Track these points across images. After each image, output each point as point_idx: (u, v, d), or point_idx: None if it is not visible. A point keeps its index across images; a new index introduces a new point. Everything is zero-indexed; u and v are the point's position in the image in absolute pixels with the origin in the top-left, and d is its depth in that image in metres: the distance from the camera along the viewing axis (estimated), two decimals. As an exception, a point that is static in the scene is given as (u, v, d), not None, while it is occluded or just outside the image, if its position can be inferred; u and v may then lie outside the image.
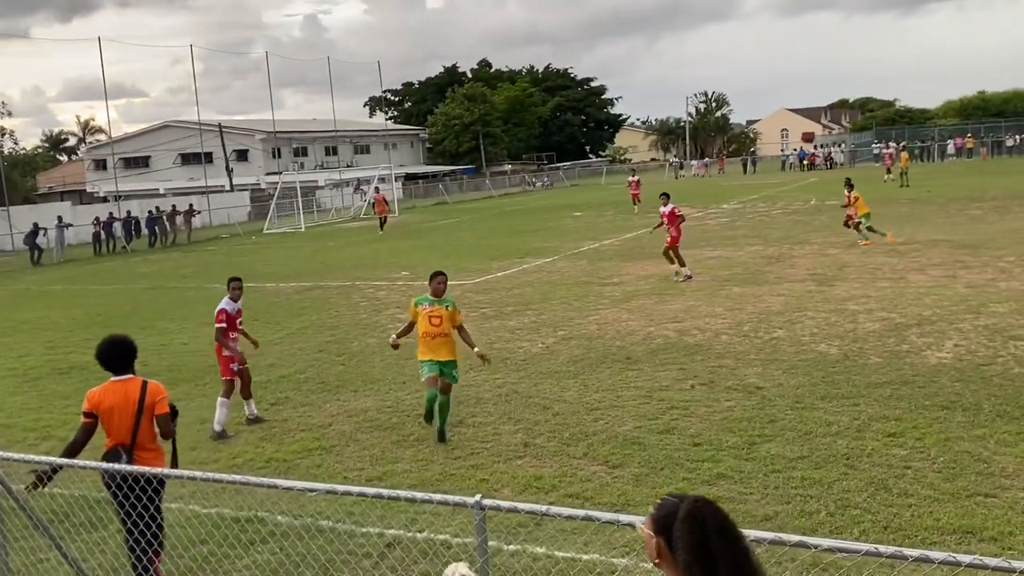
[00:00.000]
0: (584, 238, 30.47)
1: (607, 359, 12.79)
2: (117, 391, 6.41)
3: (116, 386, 6.43)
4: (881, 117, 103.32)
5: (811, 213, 33.51)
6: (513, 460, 8.92)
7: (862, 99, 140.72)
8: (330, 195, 62.23)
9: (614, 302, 17.36)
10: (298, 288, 22.78)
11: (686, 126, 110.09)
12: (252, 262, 31.07)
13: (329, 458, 9.40)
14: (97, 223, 40.97)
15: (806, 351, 12.39)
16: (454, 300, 10.17)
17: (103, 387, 6.49)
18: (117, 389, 6.42)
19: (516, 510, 4.11)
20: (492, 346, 14.23)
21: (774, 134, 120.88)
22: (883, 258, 20.56)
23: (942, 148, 74.05)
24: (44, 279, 30.65)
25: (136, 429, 6.31)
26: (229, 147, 69.54)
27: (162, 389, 6.46)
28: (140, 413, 6.31)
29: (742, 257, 22.43)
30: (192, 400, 12.11)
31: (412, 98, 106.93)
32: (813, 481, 7.81)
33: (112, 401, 6.39)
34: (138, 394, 6.33)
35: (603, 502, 7.53)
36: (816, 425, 9.27)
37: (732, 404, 10.18)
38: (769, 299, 16.39)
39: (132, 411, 6.31)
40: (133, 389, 6.37)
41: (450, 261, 25.31)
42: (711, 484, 7.89)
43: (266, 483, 4.88)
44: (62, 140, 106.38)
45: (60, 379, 14.17)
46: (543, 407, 10.65)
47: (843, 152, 76.97)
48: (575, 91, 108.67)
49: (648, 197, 37.38)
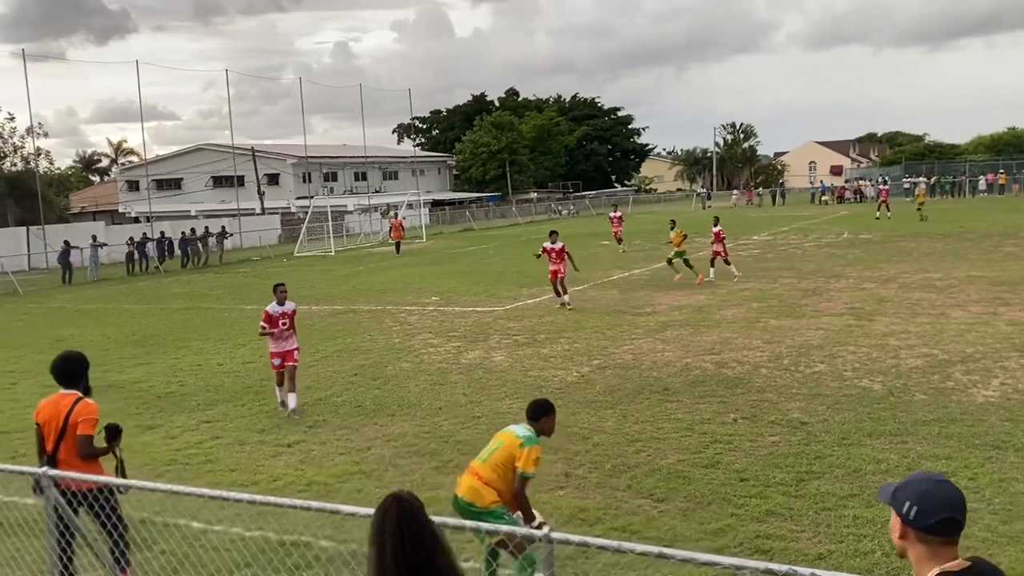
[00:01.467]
0: (613, 267, 30.37)
1: (644, 390, 12.67)
2: (54, 404, 6.46)
3: (56, 399, 6.49)
4: (910, 151, 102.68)
5: (844, 247, 33.24)
6: (555, 491, 8.82)
7: (891, 133, 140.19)
8: (359, 220, 62.57)
9: (648, 332, 17.25)
10: (331, 311, 22.83)
11: (713, 157, 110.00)
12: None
13: (369, 483, 9.34)
14: (131, 243, 41.36)
15: (849, 386, 12.23)
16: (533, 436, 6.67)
17: (47, 399, 6.58)
18: (56, 402, 6.47)
19: (587, 544, 4.03)
20: (527, 374, 14.19)
21: (802, 166, 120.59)
22: (921, 293, 20.33)
23: (973, 184, 73.44)
24: (78, 298, 30.90)
25: (57, 444, 6.34)
26: (261, 171, 70.15)
27: (91, 410, 6.39)
28: (63, 429, 6.33)
29: (776, 289, 22.26)
30: (230, 421, 12.10)
31: (440, 125, 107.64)
32: (865, 520, 7.66)
33: (47, 413, 6.46)
34: (68, 410, 6.34)
35: (651, 536, 7.41)
36: (864, 462, 9.12)
37: (777, 439, 10.04)
38: (808, 333, 16.22)
39: (59, 425, 6.34)
40: (66, 404, 6.39)
41: (480, 287, 25.33)
42: (760, 521, 7.76)
43: (328, 508, 4.82)
44: (95, 161, 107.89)
45: (97, 397, 14.02)
46: (582, 437, 10.55)
47: (873, 186, 76.48)
48: (602, 120, 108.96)
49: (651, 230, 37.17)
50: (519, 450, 6.41)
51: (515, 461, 6.40)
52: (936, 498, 2.82)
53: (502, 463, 6.45)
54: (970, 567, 2.83)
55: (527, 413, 6.75)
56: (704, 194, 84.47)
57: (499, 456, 6.48)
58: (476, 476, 6.50)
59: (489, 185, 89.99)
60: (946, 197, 70.67)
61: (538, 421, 6.70)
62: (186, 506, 8.45)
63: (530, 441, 6.46)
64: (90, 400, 6.48)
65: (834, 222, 47.94)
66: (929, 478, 2.91)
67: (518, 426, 6.69)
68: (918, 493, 2.84)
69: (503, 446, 6.52)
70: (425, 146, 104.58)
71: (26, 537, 7.45)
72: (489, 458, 6.51)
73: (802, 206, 68.98)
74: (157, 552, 7.58)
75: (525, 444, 6.43)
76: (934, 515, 2.79)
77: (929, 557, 2.83)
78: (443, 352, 16.39)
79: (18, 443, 11.25)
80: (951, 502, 2.82)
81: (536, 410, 6.75)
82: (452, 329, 18.94)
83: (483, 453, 6.63)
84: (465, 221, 68.00)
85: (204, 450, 10.84)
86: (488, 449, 6.62)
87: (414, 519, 2.93)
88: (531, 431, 6.58)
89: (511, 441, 6.51)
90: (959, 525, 2.83)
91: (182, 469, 10.14)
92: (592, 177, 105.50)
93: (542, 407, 6.80)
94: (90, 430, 6.31)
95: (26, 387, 14.99)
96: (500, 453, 6.50)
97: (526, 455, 6.39)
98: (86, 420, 6.30)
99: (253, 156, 69.30)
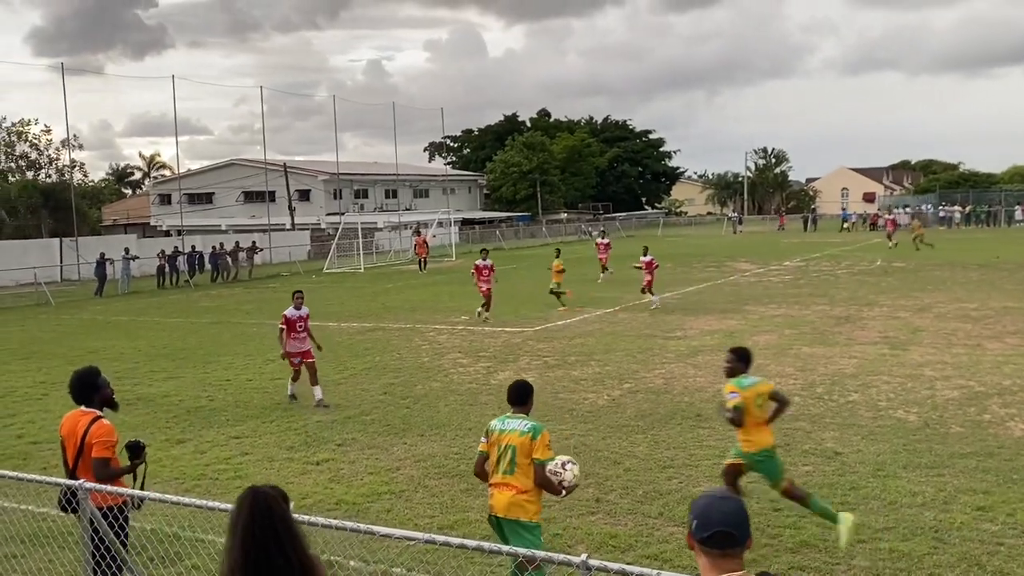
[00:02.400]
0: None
1: (676, 415, 12.56)
2: (74, 421, 6.41)
3: (76, 416, 6.43)
4: (944, 180, 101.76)
5: (878, 274, 32.91)
6: (586, 516, 8.73)
7: (925, 161, 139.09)
8: (388, 237, 62.85)
9: (679, 356, 17.12)
10: (360, 329, 22.88)
11: (744, 181, 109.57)
12: (313, 300, 31.19)
13: (399, 503, 9.30)
14: (162, 256, 41.79)
15: (884, 417, 12.04)
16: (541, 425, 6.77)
17: (69, 413, 6.53)
18: (75, 419, 6.41)
19: (625, 573, 3.95)
20: (557, 396, 14.11)
21: (834, 192, 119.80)
22: (957, 323, 20.05)
23: (1009, 213, 72.56)
24: (109, 309, 31.22)
25: (76, 462, 6.29)
26: (292, 187, 70.74)
27: (105, 432, 6.24)
28: (80, 448, 6.26)
29: (808, 316, 22.04)
30: (259, 437, 12.12)
31: (471, 144, 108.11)
32: (901, 554, 7.51)
33: (68, 428, 6.42)
34: (84, 430, 6.26)
35: (683, 565, 7.29)
36: (900, 495, 8.95)
37: (810, 469, 9.89)
38: (841, 361, 16.02)
39: (76, 444, 6.28)
40: (83, 424, 6.31)
41: (509, 307, 25.28)
42: (795, 552, 7.63)
43: (362, 528, 4.78)
44: (127, 174, 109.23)
45: (128, 409, 14.22)
46: (613, 462, 10.45)
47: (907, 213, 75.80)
48: (633, 143, 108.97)
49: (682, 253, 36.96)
50: (531, 443, 6.43)
51: (532, 455, 6.42)
52: (713, 513, 3.04)
53: (526, 466, 6.44)
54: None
55: (513, 400, 6.79)
56: (735, 218, 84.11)
57: (520, 460, 6.44)
58: (513, 489, 6.43)
59: (519, 205, 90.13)
60: (981, 227, 69.88)
61: (526, 404, 6.81)
62: (215, 522, 8.44)
63: (536, 430, 6.49)
64: (106, 421, 6.34)
65: (867, 249, 47.53)
66: (713, 494, 3.18)
67: (512, 421, 6.63)
68: (699, 508, 3.07)
69: (517, 449, 6.46)
70: (456, 165, 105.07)
71: (60, 549, 7.49)
72: (515, 468, 6.45)
73: (833, 232, 68.41)
74: (185, 567, 7.57)
75: (534, 435, 6.45)
76: (709, 528, 3.01)
77: (709, 568, 3.04)
78: (473, 372, 16.35)
79: (48, 454, 11.33)
80: (726, 517, 3.03)
81: (523, 394, 6.82)
82: (482, 349, 18.91)
83: (503, 465, 6.51)
84: (495, 240, 68.12)
85: (233, 466, 10.85)
86: (506, 459, 6.50)
87: (268, 511, 3.01)
88: (528, 419, 6.63)
89: (519, 440, 6.47)
90: (733, 539, 3.02)
91: (211, 484, 10.15)
92: (622, 199, 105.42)
93: (526, 389, 6.90)
94: (105, 452, 6.19)
95: (56, 398, 15.10)
96: (520, 458, 6.45)
97: (540, 444, 6.43)
98: (100, 443, 6.18)
99: (285, 172, 69.93)
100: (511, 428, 6.57)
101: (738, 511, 3.07)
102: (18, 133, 69.24)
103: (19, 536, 8.19)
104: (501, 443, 6.55)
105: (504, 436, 6.55)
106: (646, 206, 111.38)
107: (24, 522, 8.52)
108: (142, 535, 7.76)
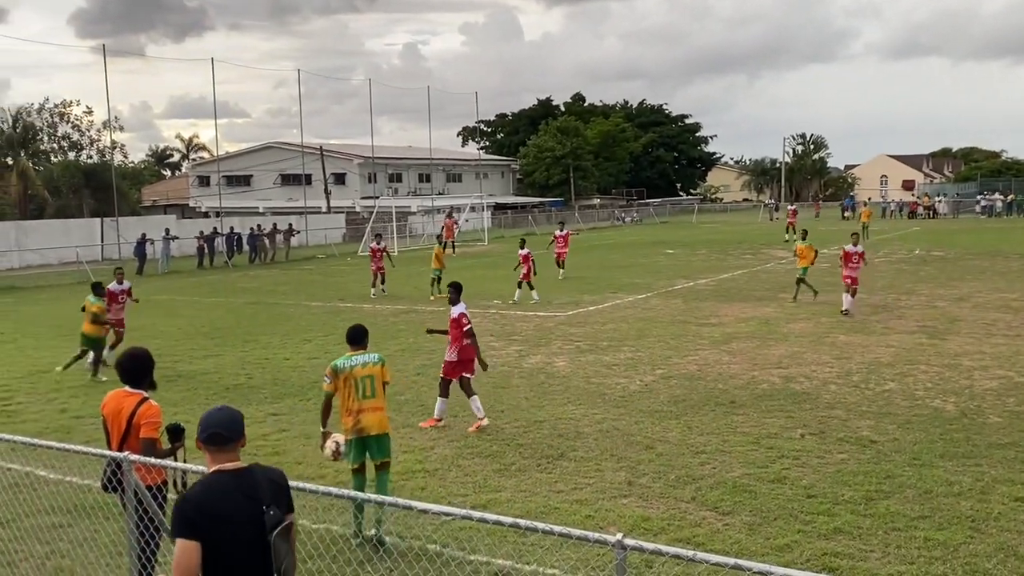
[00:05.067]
0: (678, 276, 30.14)
1: (709, 401, 12.54)
2: (118, 401, 6.37)
3: (120, 395, 6.39)
4: (986, 168, 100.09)
5: (916, 263, 32.52)
6: (618, 499, 8.77)
7: (966, 148, 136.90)
8: (421, 221, 63.06)
9: (713, 343, 17.07)
10: (393, 311, 23.04)
11: (782, 167, 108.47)
12: (348, 283, 31.62)
13: (432, 481, 9.41)
14: (201, 237, 42.29)
15: (921, 406, 11.95)
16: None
17: (112, 392, 6.50)
18: (120, 399, 6.37)
19: (660, 552, 3.99)
20: (589, 380, 14.14)
21: (873, 180, 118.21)
22: (997, 314, 19.79)
23: (1053, 203, 71.28)
24: (149, 289, 31.61)
25: (122, 442, 6.25)
26: (328, 170, 71.15)
27: (154, 413, 6.23)
28: (127, 430, 6.24)
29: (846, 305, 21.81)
30: (296, 415, 12.29)
31: (505, 129, 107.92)
32: (937, 543, 7.48)
33: (111, 408, 6.38)
34: (131, 411, 6.23)
35: (715, 550, 7.31)
36: (936, 484, 8.90)
37: (845, 457, 9.85)
38: (878, 350, 15.89)
39: (122, 425, 6.27)
40: (130, 404, 6.28)
41: (540, 293, 25.28)
42: (828, 538, 7.62)
43: (400, 503, 4.86)
44: (167, 155, 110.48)
45: (168, 386, 14.47)
46: (646, 446, 10.48)
47: (946, 202, 74.69)
48: (669, 128, 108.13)
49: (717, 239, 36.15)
50: (383, 370, 8.20)
51: (384, 379, 8.22)
52: (209, 419, 4.10)
53: (382, 389, 8.15)
54: (246, 467, 4.11)
55: (354, 340, 8.29)
56: (772, 205, 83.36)
57: (378, 386, 8.08)
58: (381, 410, 8.08)
59: (552, 190, 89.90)
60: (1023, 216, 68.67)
61: (363, 343, 8.32)
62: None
63: (383, 360, 8.30)
64: (154, 402, 6.36)
65: (906, 238, 46.93)
66: (213, 407, 4.23)
67: (359, 357, 8.13)
68: (202, 418, 4.14)
69: (376, 377, 8.07)
70: (489, 149, 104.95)
71: (105, 520, 7.68)
72: (375, 392, 8.03)
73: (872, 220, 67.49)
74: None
75: (383, 364, 8.25)
76: (207, 431, 4.06)
77: (211, 461, 4.07)
78: (505, 355, 16.43)
79: (91, 429, 11.56)
80: (219, 422, 4.08)
81: (360, 335, 8.34)
82: (514, 333, 18.98)
83: (365, 392, 7.98)
84: (527, 226, 68.06)
85: (271, 442, 11.03)
86: (367, 387, 7.99)
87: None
88: (372, 353, 8.30)
89: (374, 370, 8.08)
90: (224, 438, 4.06)
91: (249, 460, 10.23)
92: (657, 184, 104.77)
93: (363, 330, 8.44)
94: (153, 433, 6.24)
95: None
96: (378, 384, 8.08)
97: (388, 370, 8.33)
98: (149, 423, 6.19)
99: (321, 155, 70.32)
100: (362, 362, 8.09)
101: (228, 417, 4.11)
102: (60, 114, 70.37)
103: (64, 507, 8.40)
104: (356, 376, 7.97)
105: (357, 370, 8.01)
106: (681, 192, 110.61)
107: (69, 493, 8.74)
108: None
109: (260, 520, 3.98)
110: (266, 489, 4.07)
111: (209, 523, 3.88)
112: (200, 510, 3.90)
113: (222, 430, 4.07)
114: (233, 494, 3.97)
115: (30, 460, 9.61)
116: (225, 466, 4.03)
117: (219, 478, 4.01)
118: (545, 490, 9.07)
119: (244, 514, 3.96)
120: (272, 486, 4.13)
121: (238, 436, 4.13)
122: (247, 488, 4.01)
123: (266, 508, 4.00)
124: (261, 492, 4.04)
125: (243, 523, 3.94)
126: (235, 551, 3.92)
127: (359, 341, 8.33)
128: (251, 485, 4.03)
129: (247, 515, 3.96)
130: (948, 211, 72.36)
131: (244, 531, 3.94)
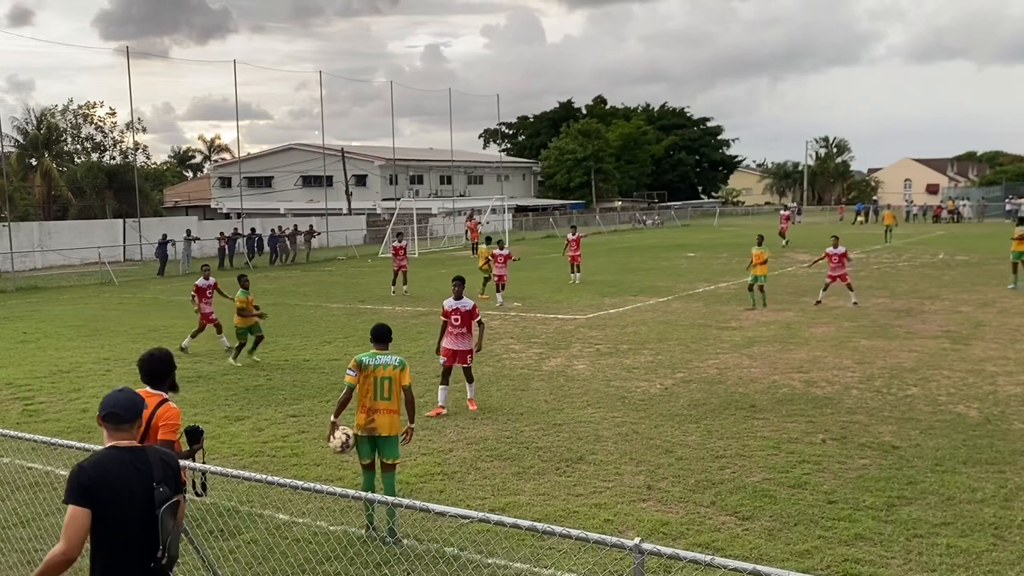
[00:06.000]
0: (699, 279, 30.02)
1: (730, 405, 12.46)
2: None
3: (141, 396, 6.36)
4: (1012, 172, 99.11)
5: (940, 268, 32.22)
6: (637, 502, 8.73)
7: (991, 152, 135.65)
8: (442, 223, 63.16)
9: (734, 347, 16.97)
10: (414, 313, 23.07)
11: (804, 170, 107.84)
12: (369, 284, 31.70)
13: (451, 484, 9.40)
14: (222, 238, 42.55)
15: (943, 411, 11.82)
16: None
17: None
18: None
19: (678, 557, 3.96)
20: (609, 383, 14.09)
21: (897, 183, 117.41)
22: (1021, 319, 19.56)
23: (1079, 208, 70.42)
24: (170, 289, 31.87)
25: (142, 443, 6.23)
26: (349, 172, 71.40)
27: (173, 415, 6.16)
28: (146, 431, 6.10)
29: (868, 309, 21.68)
30: (315, 416, 12.31)
31: (526, 131, 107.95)
32: (960, 550, 7.39)
33: None
34: (151, 412, 6.12)
35: (735, 555, 7.26)
36: (959, 491, 8.80)
37: (867, 462, 9.76)
38: (900, 354, 15.75)
39: (141, 426, 6.23)
40: (150, 404, 6.11)
41: (562, 295, 25.28)
42: (849, 545, 7.55)
43: (417, 505, 4.85)
44: (189, 157, 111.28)
45: (189, 387, 14.59)
46: (665, 450, 10.42)
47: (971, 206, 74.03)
48: (691, 130, 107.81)
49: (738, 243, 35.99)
50: (403, 373, 8.15)
51: (402, 383, 8.15)
52: (109, 400, 4.37)
53: (398, 392, 8.14)
54: (140, 446, 4.37)
55: (378, 339, 8.36)
56: (794, 208, 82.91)
57: (395, 388, 8.11)
58: (394, 412, 8.07)
59: (573, 193, 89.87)
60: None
61: (387, 343, 8.41)
62: (273, 497, 8.64)
63: (404, 363, 8.22)
64: (173, 404, 6.35)
65: (929, 242, 46.53)
66: (115, 388, 4.51)
67: (382, 357, 8.18)
68: (104, 398, 4.40)
69: (394, 379, 8.09)
70: (511, 151, 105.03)
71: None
72: (392, 394, 8.07)
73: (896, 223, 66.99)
74: (243, 540, 7.75)
75: (404, 367, 8.18)
76: (104, 409, 4.33)
77: (108, 439, 4.31)
78: (524, 358, 16.40)
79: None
80: (117, 402, 4.34)
81: (385, 334, 8.41)
82: (534, 335, 18.95)
83: (381, 392, 8.02)
84: (548, 228, 68.05)
85: (290, 444, 11.05)
86: (384, 388, 8.04)
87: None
88: (395, 355, 8.30)
89: (394, 372, 8.10)
90: (120, 417, 4.31)
91: (268, 461, 10.34)
92: (678, 187, 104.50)
93: (387, 329, 8.51)
94: (172, 435, 6.22)
95: (119, 374, 15.50)
96: (395, 386, 8.10)
97: (407, 374, 8.21)
98: (167, 425, 6.13)
99: (343, 157, 70.59)
100: (384, 362, 8.14)
101: (127, 399, 4.38)
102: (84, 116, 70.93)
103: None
104: (377, 375, 8.04)
105: (379, 370, 8.07)
106: (702, 195, 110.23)
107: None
108: (201, 507, 7.96)
109: (150, 495, 4.17)
110: (158, 467, 4.27)
111: (101, 492, 4.08)
112: (94, 479, 4.09)
113: (119, 410, 4.32)
114: (126, 467, 4.19)
115: (51, 460, 9.69)
116: (120, 442, 4.27)
117: (114, 452, 4.25)
118: (564, 493, 9.03)
119: (135, 487, 4.16)
120: (163, 466, 4.32)
121: (134, 417, 4.38)
122: (140, 464, 4.23)
123: (156, 484, 4.20)
124: (153, 469, 4.24)
125: (133, 496, 4.14)
126: (124, 522, 4.11)
127: (383, 340, 8.40)
128: (144, 462, 4.25)
129: (138, 489, 4.17)
130: (973, 215, 71.73)
131: (134, 503, 4.14)
